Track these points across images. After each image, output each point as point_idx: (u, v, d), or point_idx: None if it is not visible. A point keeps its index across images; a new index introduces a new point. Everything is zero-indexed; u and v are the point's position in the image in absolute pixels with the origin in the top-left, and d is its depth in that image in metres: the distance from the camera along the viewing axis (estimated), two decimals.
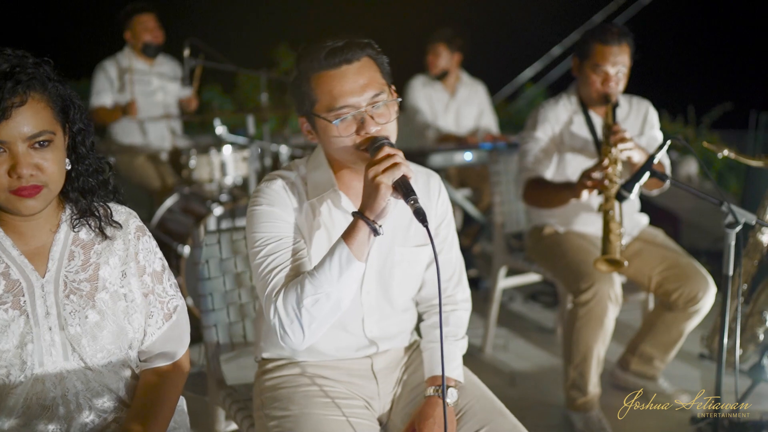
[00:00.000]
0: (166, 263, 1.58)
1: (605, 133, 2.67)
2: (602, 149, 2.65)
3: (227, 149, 3.88)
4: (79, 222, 1.47)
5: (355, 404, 1.74)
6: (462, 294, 1.88)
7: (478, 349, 3.44)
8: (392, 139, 1.60)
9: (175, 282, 1.60)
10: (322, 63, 1.57)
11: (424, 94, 4.85)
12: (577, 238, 2.92)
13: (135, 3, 4.40)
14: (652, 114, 3.01)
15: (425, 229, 1.47)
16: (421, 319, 1.91)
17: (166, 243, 3.55)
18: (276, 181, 1.69)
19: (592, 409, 2.73)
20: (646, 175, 2.34)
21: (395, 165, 1.49)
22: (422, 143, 4.77)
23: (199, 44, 3.87)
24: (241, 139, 4.00)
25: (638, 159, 2.64)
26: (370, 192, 1.50)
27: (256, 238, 1.64)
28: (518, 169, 2.98)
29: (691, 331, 2.86)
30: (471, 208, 4.46)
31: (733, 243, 2.16)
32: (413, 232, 1.77)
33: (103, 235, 1.48)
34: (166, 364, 1.57)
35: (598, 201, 2.73)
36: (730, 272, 2.19)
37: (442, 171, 4.34)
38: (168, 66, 4.57)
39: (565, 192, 2.71)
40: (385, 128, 1.59)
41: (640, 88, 3.02)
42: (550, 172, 2.94)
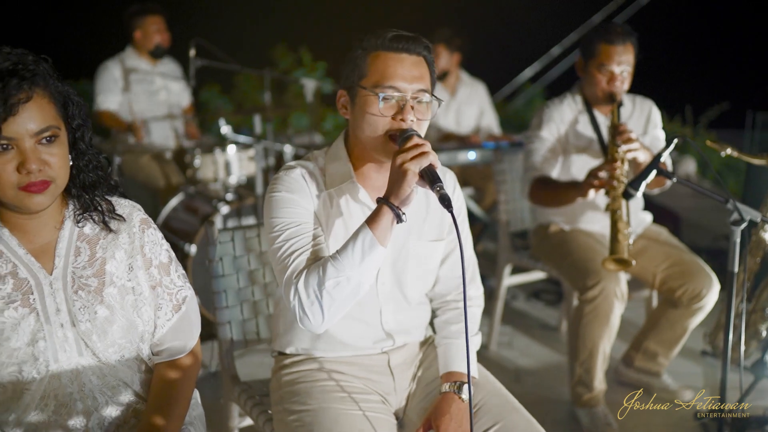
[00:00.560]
0: (173, 254, 1.59)
1: (611, 132, 2.70)
2: (609, 149, 2.67)
3: (231, 149, 3.90)
4: (82, 217, 1.48)
5: (372, 399, 1.77)
6: (475, 291, 1.91)
7: (483, 346, 3.46)
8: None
9: (183, 272, 1.60)
10: (386, 43, 1.62)
11: None
12: (583, 236, 2.94)
13: (144, 4, 4.40)
14: (656, 113, 3.04)
15: (449, 215, 1.50)
16: (435, 315, 1.93)
17: (172, 242, 3.56)
18: (295, 169, 1.71)
19: (597, 404, 2.76)
20: (653, 173, 2.37)
21: (423, 153, 1.52)
22: None
23: (204, 44, 3.88)
24: (246, 139, 4.02)
25: (643, 159, 2.67)
26: (397, 178, 1.54)
27: (275, 224, 1.66)
28: (524, 168, 3.00)
29: (694, 329, 2.88)
30: (474, 207, 4.48)
31: (738, 240, 2.18)
32: (428, 227, 1.80)
33: (108, 229, 1.49)
34: (178, 357, 1.57)
35: (604, 199, 2.75)
36: (735, 269, 2.21)
37: None
38: (170, 66, 4.58)
39: (572, 191, 2.73)
40: (419, 125, 1.64)
41: (639, 88, 3.04)
42: (555, 171, 2.96)
